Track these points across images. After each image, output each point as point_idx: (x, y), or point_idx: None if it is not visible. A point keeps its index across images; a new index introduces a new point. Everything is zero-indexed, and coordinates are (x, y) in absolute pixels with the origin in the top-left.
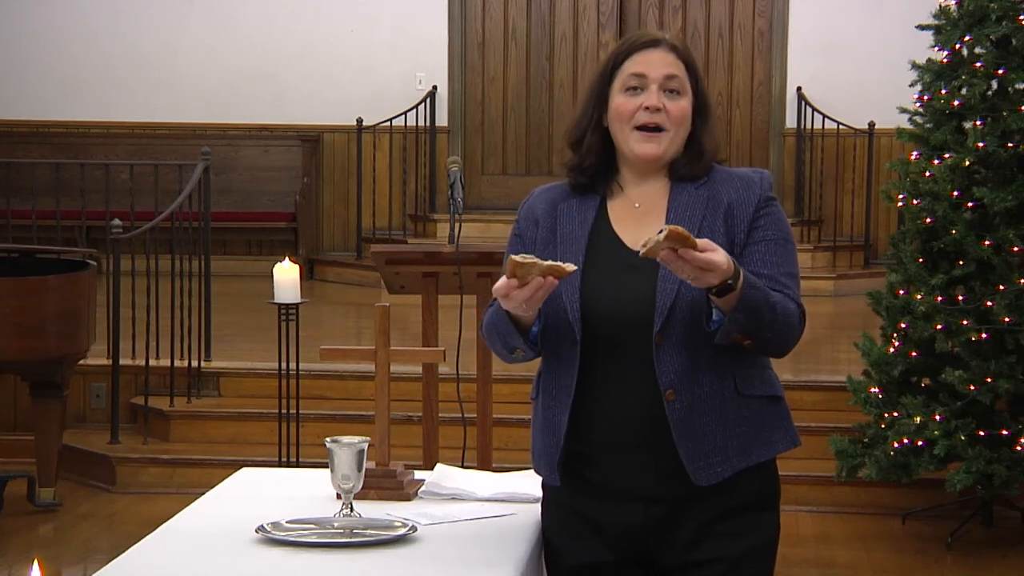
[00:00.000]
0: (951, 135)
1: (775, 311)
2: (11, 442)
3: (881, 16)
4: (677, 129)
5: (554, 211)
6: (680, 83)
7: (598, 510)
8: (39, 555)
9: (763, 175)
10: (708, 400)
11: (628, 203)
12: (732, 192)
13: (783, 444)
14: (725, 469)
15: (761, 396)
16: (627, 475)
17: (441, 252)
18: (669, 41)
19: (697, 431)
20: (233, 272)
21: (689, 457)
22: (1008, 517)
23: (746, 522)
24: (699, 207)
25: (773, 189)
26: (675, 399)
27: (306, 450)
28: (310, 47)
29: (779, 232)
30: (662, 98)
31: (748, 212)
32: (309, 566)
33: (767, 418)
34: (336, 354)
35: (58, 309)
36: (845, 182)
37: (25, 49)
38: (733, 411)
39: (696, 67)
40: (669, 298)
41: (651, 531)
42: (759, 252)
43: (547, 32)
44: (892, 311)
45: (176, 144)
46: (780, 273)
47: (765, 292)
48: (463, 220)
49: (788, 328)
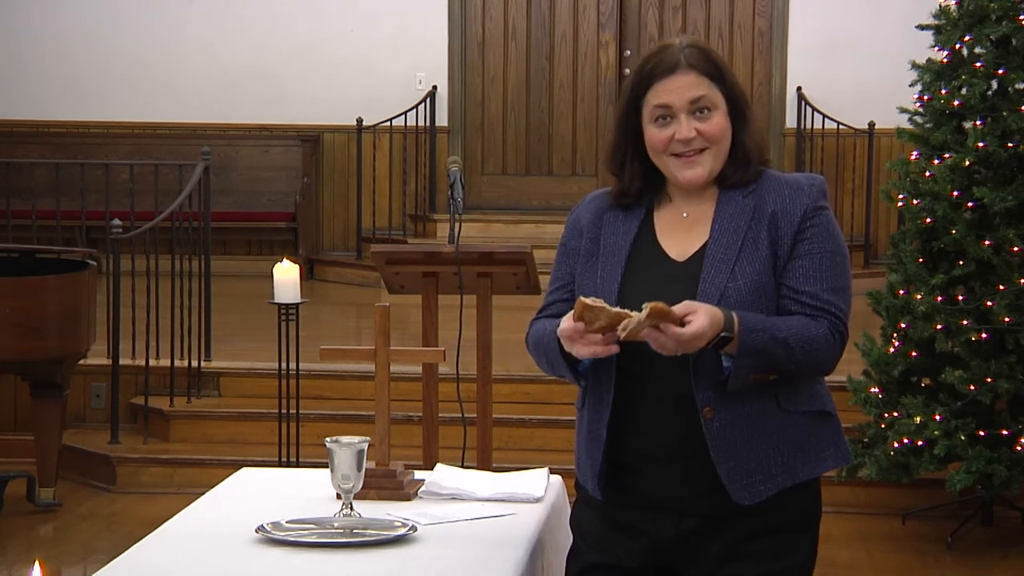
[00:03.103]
0: (951, 135)
1: (788, 346)
2: (11, 442)
3: (881, 16)
4: (717, 145)
5: (599, 221)
6: (708, 100)
7: (631, 517)
8: (39, 555)
9: (814, 182)
10: (749, 417)
11: (676, 213)
12: (778, 201)
13: (834, 461)
14: (769, 488)
15: (808, 412)
16: (664, 487)
17: (441, 252)
18: (687, 59)
19: (738, 449)
20: (233, 272)
21: (730, 476)
22: (1008, 517)
23: (781, 543)
24: (744, 217)
25: (827, 196)
26: (713, 417)
27: (306, 450)
28: (310, 47)
29: (826, 244)
30: (693, 123)
31: (793, 223)
32: (309, 566)
33: (815, 434)
34: (336, 354)
35: (58, 309)
36: (845, 182)
37: (25, 49)
38: (777, 428)
39: (722, 69)
40: None
41: (680, 544)
42: (802, 268)
43: (547, 32)
44: (892, 311)
45: (176, 144)
46: (823, 289)
47: (771, 331)
48: (463, 220)
49: (813, 355)
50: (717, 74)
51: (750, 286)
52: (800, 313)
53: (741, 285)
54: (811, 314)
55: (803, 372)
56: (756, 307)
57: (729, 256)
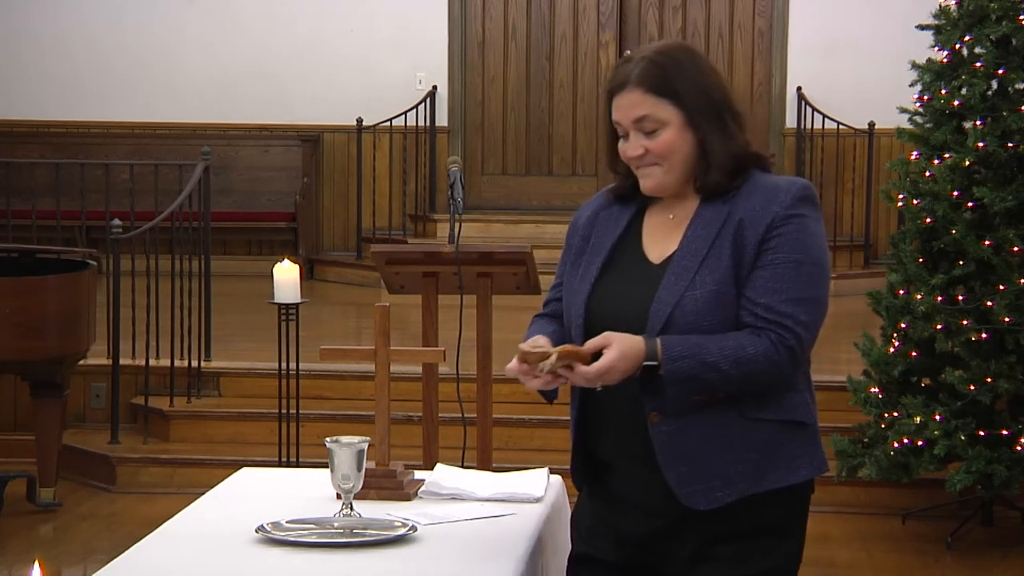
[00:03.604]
0: (951, 135)
1: (719, 369)
2: (11, 442)
3: (881, 16)
4: (668, 161)
5: (595, 219)
6: (653, 119)
7: (608, 512)
8: (39, 555)
9: (793, 188)
10: (705, 423)
11: (665, 214)
12: (748, 208)
13: (807, 471)
14: (728, 494)
15: (776, 421)
16: (632, 486)
17: (441, 252)
18: (637, 76)
19: (691, 454)
20: (233, 272)
21: (680, 481)
22: (1008, 517)
23: (752, 547)
24: (716, 224)
25: (809, 202)
26: (660, 422)
27: (306, 450)
28: (310, 47)
29: (792, 254)
30: (641, 140)
31: (758, 232)
32: (309, 566)
33: (786, 444)
34: (336, 354)
35: (58, 309)
36: (845, 182)
37: (25, 49)
38: (739, 435)
39: (676, 80)
40: (661, 319)
41: (652, 543)
42: (762, 278)
43: (547, 32)
44: (892, 311)
45: (176, 144)
46: (782, 300)
47: (700, 356)
48: (463, 220)
49: (752, 374)
50: (669, 89)
51: (707, 295)
52: (751, 325)
53: (699, 294)
54: (761, 326)
55: (749, 390)
56: (713, 317)
57: (693, 264)
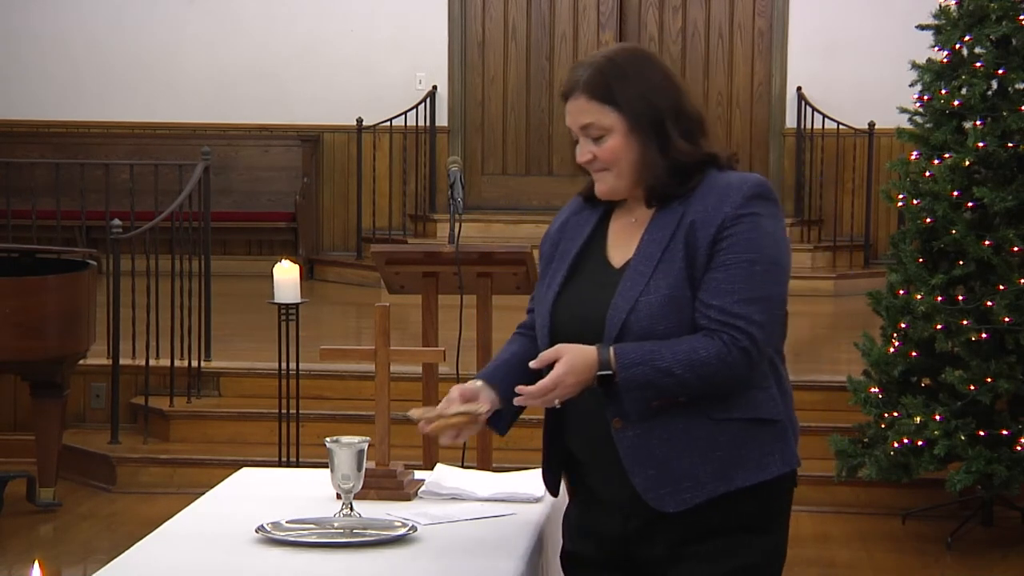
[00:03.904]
0: (951, 135)
1: (673, 374)
2: (11, 442)
3: (881, 16)
4: (616, 167)
5: (565, 226)
6: (597, 126)
7: (589, 512)
8: (39, 555)
9: (744, 185)
10: (669, 426)
11: (628, 216)
12: (700, 209)
13: (778, 467)
14: (697, 495)
15: (742, 419)
16: (607, 487)
17: (441, 252)
18: (582, 82)
19: (657, 458)
20: (233, 272)
21: (648, 484)
22: (1008, 517)
23: (728, 544)
24: (670, 227)
25: (762, 199)
26: (623, 427)
27: (306, 450)
28: (310, 47)
29: (745, 253)
30: (589, 146)
31: (709, 233)
32: (309, 566)
33: (753, 441)
34: (336, 354)
35: (58, 309)
36: (845, 182)
37: (25, 49)
38: (705, 436)
39: (620, 88)
40: (617, 325)
41: (632, 542)
42: (715, 280)
43: (547, 32)
44: (892, 311)
45: (176, 144)
46: (734, 301)
47: (653, 362)
48: (463, 220)
49: (707, 377)
50: (612, 96)
51: (661, 300)
52: (705, 328)
53: (653, 299)
54: (714, 328)
55: (708, 392)
56: (668, 321)
57: (647, 268)
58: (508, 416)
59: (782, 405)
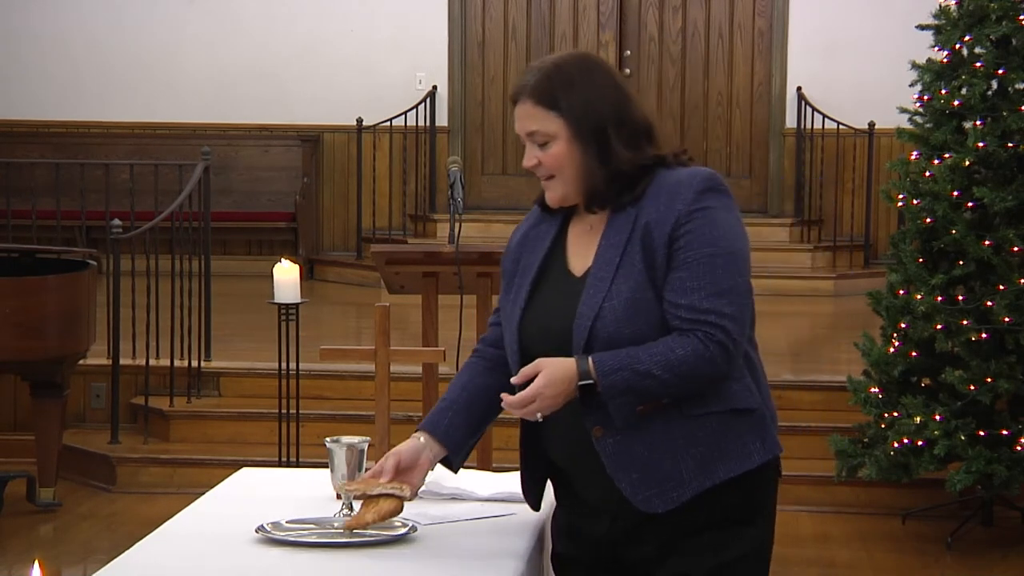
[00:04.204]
0: (951, 135)
1: (653, 375)
2: (11, 442)
3: (881, 16)
4: (560, 173)
5: (525, 240)
6: (542, 133)
7: (576, 515)
8: (39, 555)
9: (695, 179)
10: (648, 428)
11: (585, 224)
12: (653, 210)
13: (760, 455)
14: (682, 493)
15: (718, 412)
16: (593, 491)
17: (441, 252)
18: (529, 88)
19: (639, 461)
20: (233, 272)
21: (633, 488)
22: (1008, 517)
23: (716, 538)
24: (626, 231)
25: (713, 192)
26: (604, 434)
27: (306, 450)
28: (310, 47)
29: (703, 248)
30: (535, 152)
31: (665, 233)
32: (309, 566)
33: (732, 433)
34: (336, 354)
35: (58, 309)
36: (845, 182)
37: (25, 49)
38: (683, 434)
39: (564, 95)
40: (583, 333)
41: (621, 543)
42: (679, 279)
43: (547, 32)
44: (892, 311)
45: (176, 144)
46: (702, 297)
47: (632, 366)
48: (463, 220)
49: (687, 375)
50: (556, 103)
51: (624, 304)
52: (677, 328)
53: (616, 304)
54: (686, 328)
55: (692, 390)
56: (634, 324)
57: (607, 274)
58: (457, 460)
59: (758, 393)
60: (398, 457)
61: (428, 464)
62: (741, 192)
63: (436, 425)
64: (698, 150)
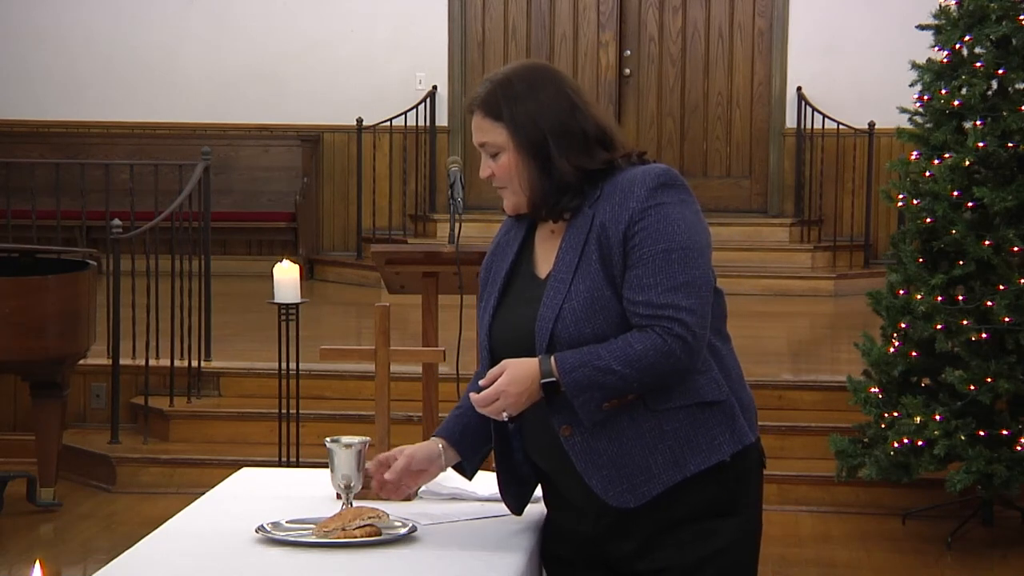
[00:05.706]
0: (951, 135)
1: (613, 371)
2: (11, 442)
3: (881, 16)
4: (510, 183)
5: (497, 248)
6: (491, 144)
7: (560, 515)
8: (39, 555)
9: (648, 176)
10: (615, 425)
11: (547, 228)
12: (608, 210)
13: (729, 446)
14: (652, 487)
15: (684, 406)
16: (571, 491)
17: (441, 252)
18: (479, 99)
19: (608, 458)
20: (233, 272)
21: (604, 485)
22: (1008, 517)
23: (698, 530)
24: (583, 232)
25: (666, 187)
26: (572, 433)
27: (306, 450)
28: (310, 47)
29: (658, 244)
30: (488, 163)
31: (619, 231)
32: (309, 566)
33: (700, 426)
34: (336, 354)
35: (58, 309)
36: (845, 182)
37: (25, 49)
38: (650, 429)
39: (507, 106)
40: (545, 335)
41: (603, 539)
42: (636, 276)
43: (547, 32)
44: (892, 311)
45: (176, 144)
46: (659, 292)
47: (592, 363)
48: (463, 220)
49: (648, 370)
50: (501, 114)
51: (583, 304)
52: (637, 325)
53: (575, 304)
54: (645, 324)
55: (656, 386)
56: (594, 323)
57: (567, 275)
58: (471, 466)
59: (726, 386)
60: (410, 459)
61: (438, 472)
62: (741, 192)
63: (451, 432)
64: (698, 150)
